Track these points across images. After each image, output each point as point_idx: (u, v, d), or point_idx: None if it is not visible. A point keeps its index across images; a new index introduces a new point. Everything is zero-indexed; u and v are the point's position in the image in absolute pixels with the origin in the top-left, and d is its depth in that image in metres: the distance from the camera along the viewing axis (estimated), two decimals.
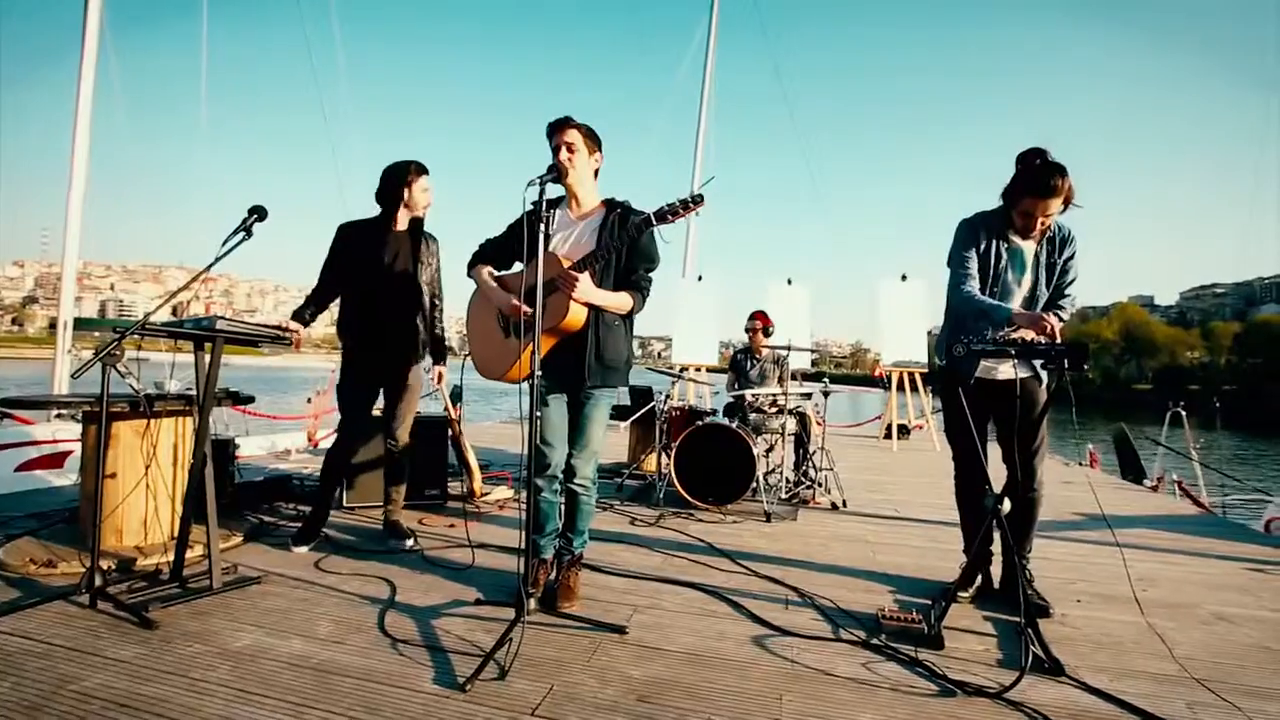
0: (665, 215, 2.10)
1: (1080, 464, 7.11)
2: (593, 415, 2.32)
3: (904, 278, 8.00)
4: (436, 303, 3.10)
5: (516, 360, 2.24)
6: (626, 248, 2.24)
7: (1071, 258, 2.33)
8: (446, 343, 3.19)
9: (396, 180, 2.89)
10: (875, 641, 2.05)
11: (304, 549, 2.78)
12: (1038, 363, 2.32)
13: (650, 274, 2.33)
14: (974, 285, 2.35)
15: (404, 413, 3.02)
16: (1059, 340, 2.08)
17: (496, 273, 2.46)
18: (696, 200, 2.06)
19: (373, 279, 2.87)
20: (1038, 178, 2.18)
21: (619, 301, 2.25)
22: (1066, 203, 2.21)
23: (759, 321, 4.82)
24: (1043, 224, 2.25)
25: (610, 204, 2.34)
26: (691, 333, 8.70)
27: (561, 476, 2.34)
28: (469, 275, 2.47)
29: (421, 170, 2.93)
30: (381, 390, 3.02)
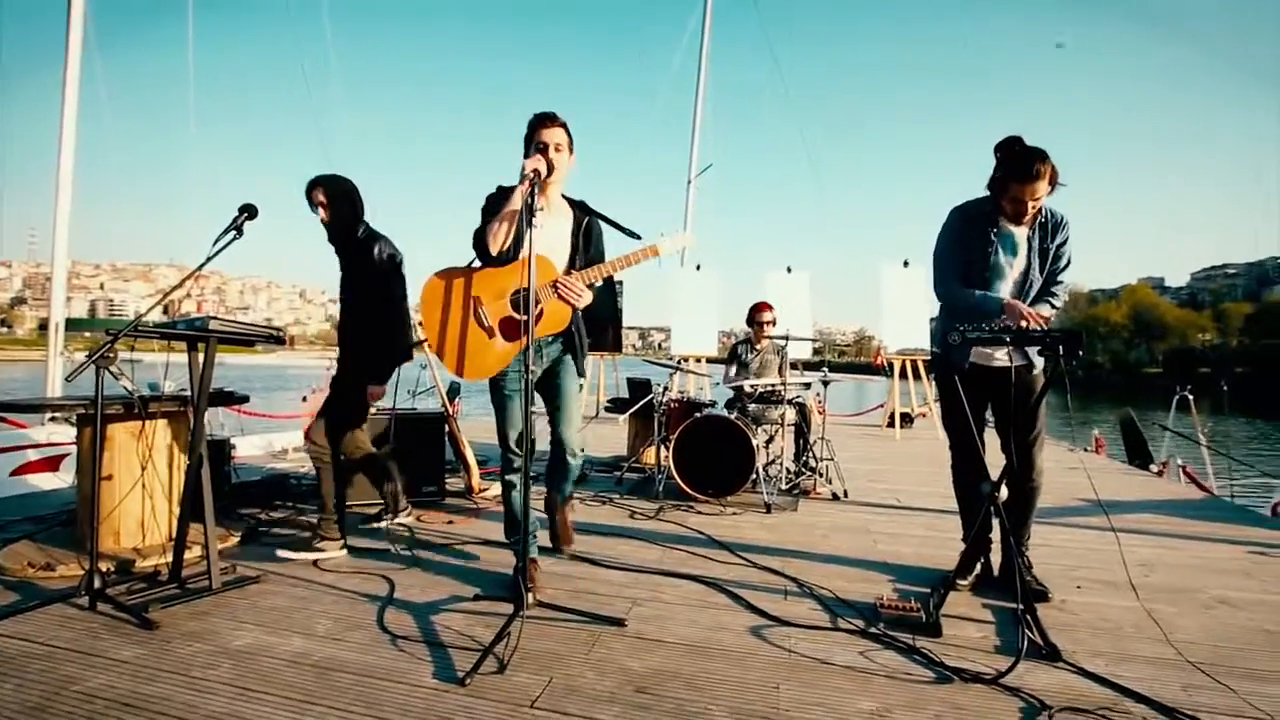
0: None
1: (1086, 450, 7.09)
2: (565, 383, 2.46)
3: (906, 263, 7.94)
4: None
5: (507, 363, 2.31)
6: (593, 245, 2.46)
7: (1064, 243, 2.33)
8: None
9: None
10: (873, 630, 2.05)
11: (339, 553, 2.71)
12: (1033, 350, 2.30)
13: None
14: (958, 282, 2.38)
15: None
16: (1048, 327, 2.09)
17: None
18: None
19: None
20: (1021, 163, 2.19)
21: (589, 299, 2.42)
22: (1053, 184, 2.21)
23: (770, 313, 4.70)
24: (1033, 208, 2.25)
25: (577, 205, 2.45)
26: (690, 323, 8.66)
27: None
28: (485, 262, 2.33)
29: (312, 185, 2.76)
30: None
